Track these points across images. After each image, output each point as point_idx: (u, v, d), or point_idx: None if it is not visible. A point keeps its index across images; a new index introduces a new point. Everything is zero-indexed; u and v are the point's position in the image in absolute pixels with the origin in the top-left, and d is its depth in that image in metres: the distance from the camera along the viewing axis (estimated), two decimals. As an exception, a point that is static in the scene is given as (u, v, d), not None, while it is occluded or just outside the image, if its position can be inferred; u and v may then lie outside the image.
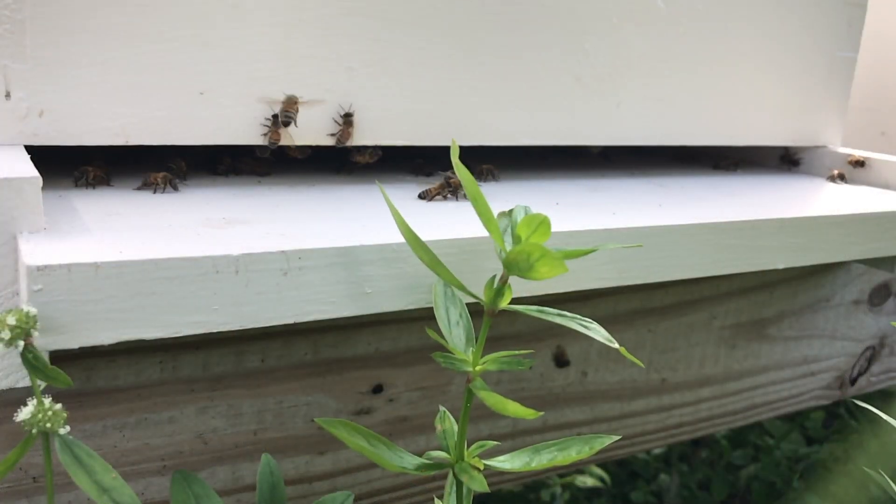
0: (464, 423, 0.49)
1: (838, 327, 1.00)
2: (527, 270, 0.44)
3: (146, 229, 0.51)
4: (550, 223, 0.45)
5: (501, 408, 0.46)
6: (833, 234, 0.76)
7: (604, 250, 0.62)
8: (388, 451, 0.49)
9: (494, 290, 0.48)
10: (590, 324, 0.51)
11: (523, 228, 0.46)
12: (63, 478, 0.56)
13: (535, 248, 0.43)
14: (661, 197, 0.78)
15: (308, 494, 0.68)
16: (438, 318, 0.52)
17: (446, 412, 0.53)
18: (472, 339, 0.51)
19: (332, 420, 0.48)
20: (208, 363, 0.61)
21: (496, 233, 0.48)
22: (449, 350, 0.49)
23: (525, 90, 0.76)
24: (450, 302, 0.53)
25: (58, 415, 0.41)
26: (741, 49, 0.89)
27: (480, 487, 0.47)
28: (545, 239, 0.46)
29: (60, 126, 0.56)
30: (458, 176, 0.47)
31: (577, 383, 0.81)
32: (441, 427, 0.52)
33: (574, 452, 0.50)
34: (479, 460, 0.50)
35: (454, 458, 0.50)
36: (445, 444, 0.51)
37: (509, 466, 0.50)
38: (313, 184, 0.70)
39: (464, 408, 0.49)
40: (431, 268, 0.49)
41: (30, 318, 0.40)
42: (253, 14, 0.61)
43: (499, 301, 0.48)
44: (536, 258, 0.43)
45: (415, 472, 0.49)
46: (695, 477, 1.34)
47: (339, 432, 0.47)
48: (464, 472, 0.49)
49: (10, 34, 0.53)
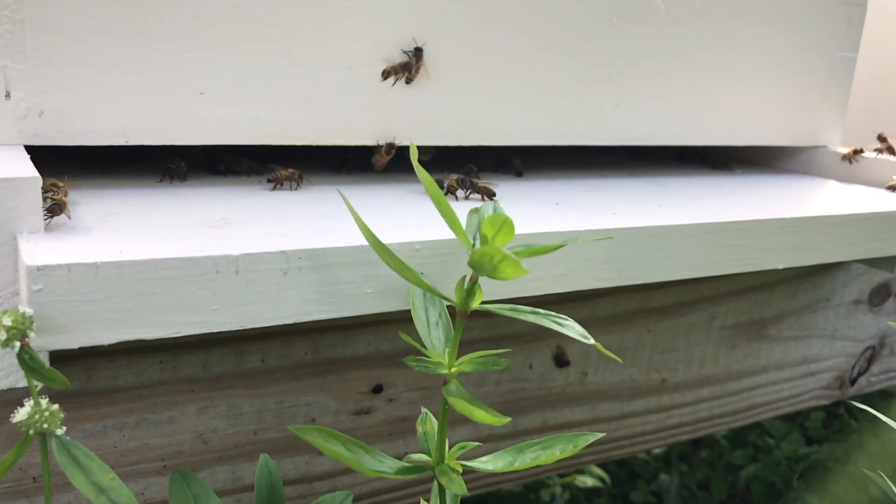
0: (443, 425, 0.49)
1: (838, 327, 1.00)
2: (492, 272, 0.44)
3: (146, 229, 0.51)
4: (513, 223, 0.44)
5: (469, 413, 0.45)
6: (833, 234, 0.76)
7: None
8: (367, 455, 0.48)
9: (465, 291, 0.48)
10: (564, 321, 0.50)
11: (487, 228, 0.45)
12: (63, 478, 0.56)
13: (496, 251, 0.42)
14: (661, 197, 0.78)
15: (308, 494, 0.68)
16: (416, 320, 0.51)
17: (428, 413, 0.53)
18: (451, 340, 0.51)
19: (306, 427, 0.47)
20: (208, 363, 0.61)
21: (461, 234, 0.47)
22: (424, 353, 0.49)
23: (525, 90, 0.76)
24: (429, 303, 0.53)
25: (55, 415, 0.41)
26: (741, 49, 0.89)
27: (459, 490, 0.46)
28: (509, 238, 0.45)
29: (60, 126, 0.56)
30: (421, 179, 0.47)
31: (577, 383, 0.81)
32: (422, 429, 0.52)
33: (558, 451, 0.50)
34: (458, 462, 0.49)
35: (435, 460, 0.50)
36: (427, 447, 0.51)
37: (491, 467, 0.50)
38: (313, 184, 0.70)
39: (442, 410, 0.48)
40: (398, 272, 0.48)
41: (26, 319, 0.40)
42: (253, 14, 0.61)
43: (470, 301, 0.48)
44: (499, 260, 0.43)
45: (394, 475, 0.48)
46: (695, 477, 1.34)
47: (313, 439, 0.46)
48: (443, 474, 0.48)
49: (10, 34, 0.53)
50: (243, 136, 0.63)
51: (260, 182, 0.69)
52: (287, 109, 0.64)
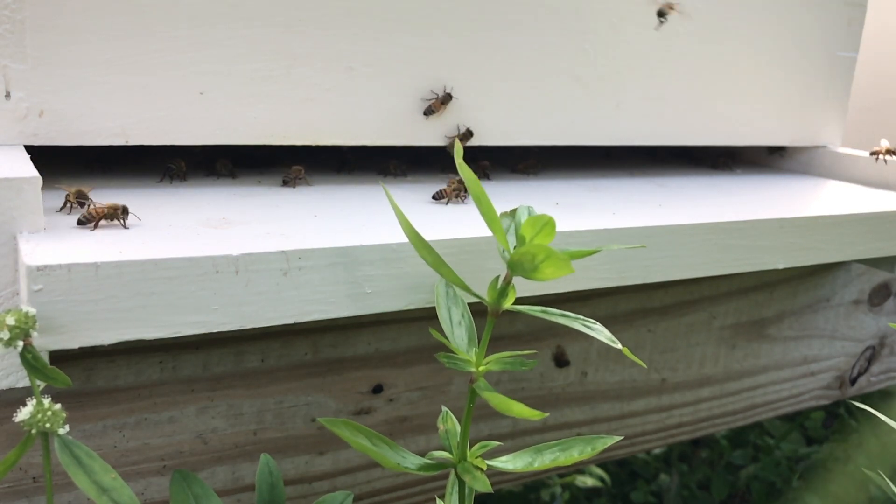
0: (467, 424, 0.49)
1: (838, 327, 1.00)
2: (531, 271, 0.44)
3: (146, 229, 0.51)
4: (555, 224, 0.45)
5: (506, 408, 0.46)
6: (833, 234, 0.76)
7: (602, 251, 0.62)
8: (391, 451, 0.49)
9: (498, 291, 0.48)
10: (593, 324, 0.51)
11: (527, 229, 0.46)
12: (63, 478, 0.56)
13: (541, 249, 0.43)
14: (661, 197, 0.78)
15: (308, 494, 0.68)
16: (441, 319, 0.52)
17: (448, 412, 0.53)
18: (474, 340, 0.51)
19: (335, 420, 0.48)
20: (208, 363, 0.61)
21: (500, 233, 0.47)
22: (452, 350, 0.49)
23: (525, 90, 0.76)
24: (452, 302, 0.53)
25: (57, 415, 0.41)
26: (741, 49, 0.89)
27: (483, 488, 0.47)
28: (550, 240, 0.46)
29: (60, 126, 0.56)
30: (463, 177, 0.47)
31: (577, 383, 0.81)
32: (444, 427, 0.52)
33: (577, 453, 0.50)
34: (481, 461, 0.50)
35: (457, 458, 0.50)
36: (448, 444, 0.51)
37: (512, 467, 0.51)
38: (313, 184, 0.70)
39: (467, 408, 0.49)
40: (435, 268, 0.49)
41: (29, 319, 0.40)
42: (253, 14, 0.61)
43: (502, 301, 0.48)
44: (542, 259, 0.43)
45: (417, 471, 0.49)
46: (695, 477, 1.34)
47: (341, 432, 0.47)
48: (466, 472, 0.49)
49: (10, 34, 0.53)
50: (243, 136, 0.63)
51: (260, 182, 0.69)
52: (287, 109, 0.64)
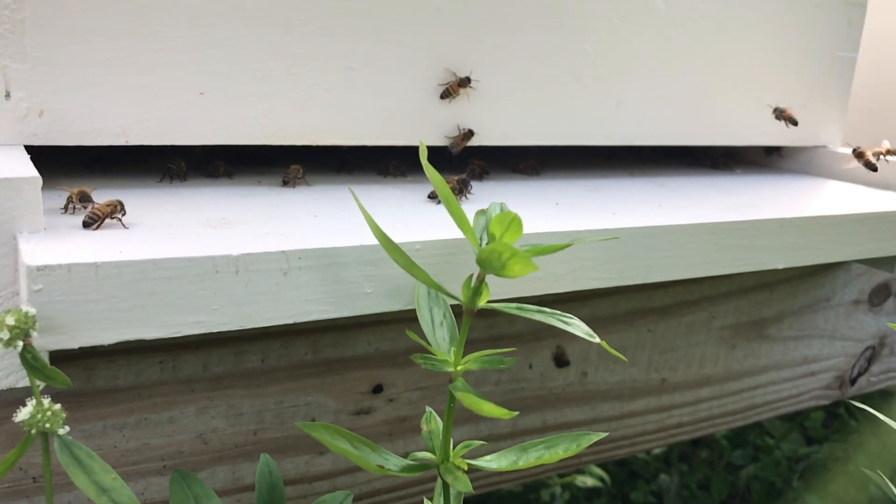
0: (448, 423, 0.49)
1: (838, 327, 1.00)
2: (500, 269, 0.44)
3: (146, 229, 0.51)
4: (521, 221, 0.45)
5: (477, 408, 0.45)
6: (833, 234, 0.76)
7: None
8: (373, 453, 0.48)
9: (472, 289, 0.48)
10: (570, 319, 0.50)
11: (496, 226, 0.46)
12: (63, 478, 0.56)
13: (505, 248, 0.43)
14: (661, 197, 0.78)
15: (308, 494, 0.68)
16: (421, 320, 0.51)
17: (432, 412, 0.53)
18: (455, 340, 0.51)
19: (313, 424, 0.47)
20: (208, 363, 0.61)
21: (469, 232, 0.47)
22: (430, 351, 0.49)
23: (525, 90, 0.76)
24: (433, 303, 0.53)
25: (57, 415, 0.41)
26: (741, 49, 0.89)
27: (464, 488, 0.47)
28: (517, 237, 0.45)
29: (60, 126, 0.56)
30: (429, 177, 0.47)
31: (577, 383, 0.81)
32: (427, 427, 0.52)
33: (561, 450, 0.50)
34: (463, 461, 0.50)
35: (440, 458, 0.50)
36: (431, 445, 0.51)
37: (496, 466, 0.50)
38: (313, 184, 0.70)
39: (447, 408, 0.49)
40: (406, 269, 0.48)
41: (29, 319, 0.40)
42: (253, 14, 0.61)
43: (477, 300, 0.48)
44: (508, 257, 0.43)
45: (399, 473, 0.48)
46: (695, 477, 1.34)
47: (321, 436, 0.47)
48: (448, 472, 0.48)
49: (10, 34, 0.53)
50: (243, 136, 0.63)
51: (260, 182, 0.69)
52: (287, 109, 0.64)
